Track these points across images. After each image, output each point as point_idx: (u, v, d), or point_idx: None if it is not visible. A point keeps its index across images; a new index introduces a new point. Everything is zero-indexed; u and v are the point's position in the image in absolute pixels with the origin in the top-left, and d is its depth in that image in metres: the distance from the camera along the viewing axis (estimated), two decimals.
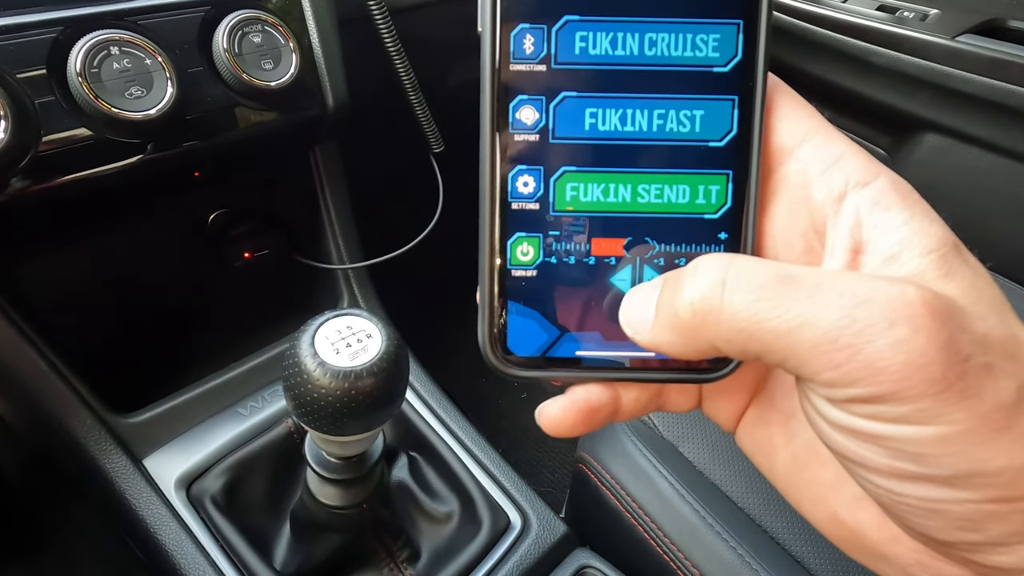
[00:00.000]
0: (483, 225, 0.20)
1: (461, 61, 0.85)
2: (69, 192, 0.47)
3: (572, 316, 0.20)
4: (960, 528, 0.16)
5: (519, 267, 0.20)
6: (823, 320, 0.15)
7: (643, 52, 0.19)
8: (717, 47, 0.19)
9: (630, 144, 0.19)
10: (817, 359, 0.15)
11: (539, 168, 0.20)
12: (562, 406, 0.20)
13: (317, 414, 0.35)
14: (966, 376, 0.14)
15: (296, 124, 0.59)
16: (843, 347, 0.15)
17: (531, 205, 0.20)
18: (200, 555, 0.50)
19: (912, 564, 0.18)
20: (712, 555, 0.52)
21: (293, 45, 0.54)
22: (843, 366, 0.15)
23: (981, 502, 0.15)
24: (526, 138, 0.19)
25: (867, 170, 0.18)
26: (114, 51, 0.45)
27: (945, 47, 0.83)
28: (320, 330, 0.36)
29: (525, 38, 0.19)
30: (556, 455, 1.05)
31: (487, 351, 0.20)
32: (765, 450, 0.21)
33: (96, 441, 0.53)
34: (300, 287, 0.73)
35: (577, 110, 0.19)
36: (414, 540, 0.55)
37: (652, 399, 0.21)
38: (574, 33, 0.19)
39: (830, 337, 0.15)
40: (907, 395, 0.14)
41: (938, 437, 0.15)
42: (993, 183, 0.87)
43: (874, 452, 0.16)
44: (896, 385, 0.14)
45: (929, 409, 0.14)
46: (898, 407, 0.15)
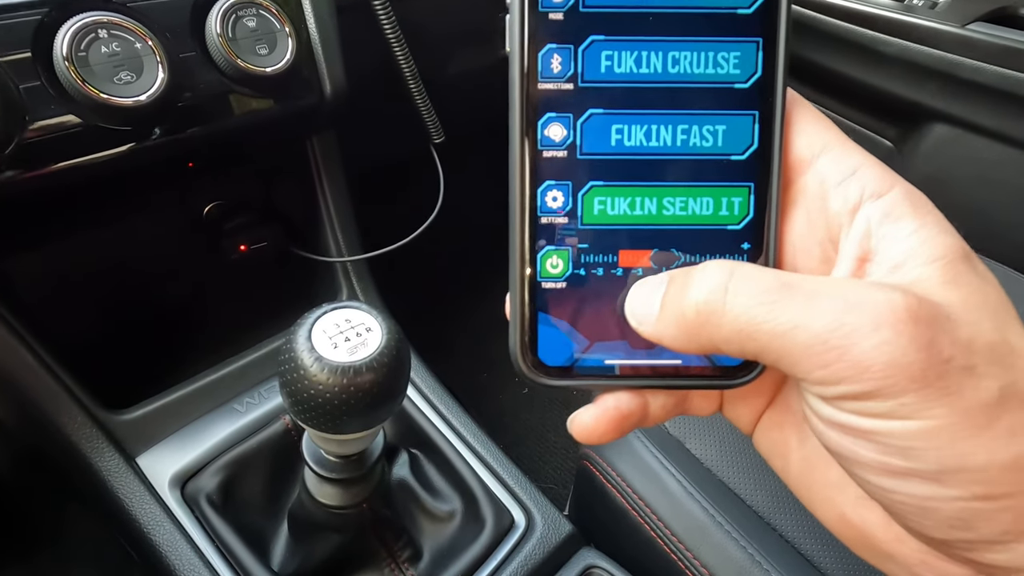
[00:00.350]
0: (513, 238, 0.20)
1: (462, 50, 0.83)
2: (57, 181, 0.46)
3: (600, 326, 0.21)
4: (953, 527, 0.16)
5: (549, 279, 0.21)
6: (815, 323, 0.16)
7: (666, 70, 0.20)
8: (738, 64, 0.20)
9: (655, 159, 0.20)
10: (809, 359, 0.16)
11: (567, 183, 0.20)
12: (594, 415, 0.21)
13: (314, 411, 0.33)
14: (947, 375, 0.15)
15: (292, 112, 0.57)
16: (832, 348, 0.16)
17: (560, 219, 0.20)
18: (195, 556, 0.48)
19: (917, 564, 0.19)
20: (721, 554, 0.50)
21: (289, 30, 0.52)
22: (832, 365, 0.16)
23: (968, 499, 0.16)
24: (554, 154, 0.20)
25: (882, 181, 0.18)
26: (102, 34, 0.43)
27: (955, 35, 0.81)
28: (317, 324, 0.34)
29: (552, 58, 0.20)
30: (559, 451, 1.04)
31: (518, 361, 0.21)
32: (780, 452, 0.22)
33: (88, 439, 0.52)
34: (298, 281, 0.72)
35: (603, 126, 0.20)
36: (416, 540, 0.54)
37: (677, 404, 0.22)
38: (600, 52, 0.20)
39: (820, 339, 0.16)
40: (890, 391, 0.15)
41: (922, 431, 0.16)
42: (1001, 174, 0.85)
43: (864, 448, 0.17)
44: (880, 383, 0.15)
45: (912, 404, 0.15)
46: (883, 403, 0.16)
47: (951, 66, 0.82)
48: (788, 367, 0.17)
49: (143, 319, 0.66)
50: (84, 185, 0.49)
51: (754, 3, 0.19)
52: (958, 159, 0.88)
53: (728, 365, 0.21)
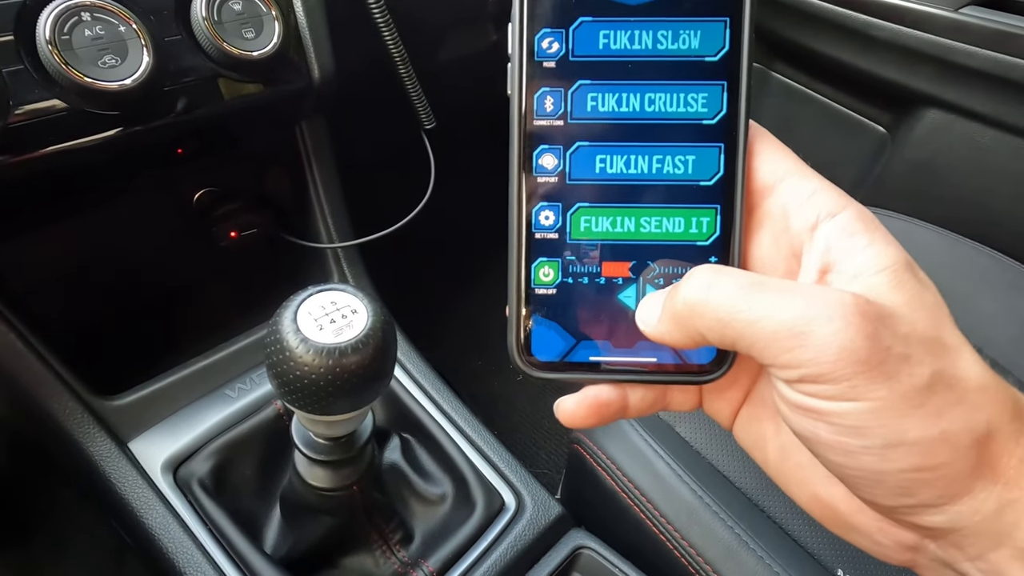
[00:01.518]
0: (512, 251, 0.24)
1: (453, 35, 0.83)
2: (43, 166, 0.46)
3: (586, 327, 0.24)
4: (898, 495, 0.19)
5: (541, 286, 0.24)
6: (781, 314, 0.19)
7: (643, 108, 0.23)
8: (706, 104, 0.23)
9: (634, 184, 0.23)
10: (775, 344, 0.19)
11: (558, 204, 0.23)
12: (576, 401, 0.24)
13: (301, 393, 0.34)
14: (886, 362, 0.18)
15: (281, 97, 0.57)
16: (794, 335, 0.19)
17: (551, 235, 0.24)
18: (188, 539, 0.49)
19: (876, 532, 0.22)
20: (709, 535, 0.51)
21: (276, 14, 0.52)
22: (793, 350, 0.19)
23: (908, 471, 0.18)
24: (547, 180, 0.23)
25: (836, 202, 0.21)
26: (85, 17, 0.43)
27: (948, 19, 0.81)
28: (303, 306, 0.34)
29: (546, 99, 0.23)
30: (552, 436, 1.04)
31: (515, 356, 0.24)
32: (758, 443, 0.25)
33: (79, 425, 0.52)
34: (289, 267, 0.72)
35: (589, 156, 0.23)
36: (407, 522, 0.54)
37: (657, 399, 0.25)
38: (586, 94, 0.23)
39: (785, 327, 0.19)
40: (841, 374, 0.18)
41: (867, 410, 0.18)
42: (994, 159, 0.85)
43: (822, 429, 0.19)
44: (832, 366, 0.18)
45: (858, 386, 0.18)
46: (835, 385, 0.18)
47: (944, 51, 0.82)
48: (758, 353, 0.19)
49: (134, 305, 0.66)
50: (71, 171, 0.49)
51: (719, 52, 0.22)
52: (951, 144, 0.88)
53: (699, 363, 0.24)
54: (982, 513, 0.19)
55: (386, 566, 0.53)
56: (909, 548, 0.21)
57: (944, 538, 0.20)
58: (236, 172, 0.67)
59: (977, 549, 0.19)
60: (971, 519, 0.19)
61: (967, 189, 0.88)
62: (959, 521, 0.19)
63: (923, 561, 0.21)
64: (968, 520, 0.19)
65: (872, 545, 0.22)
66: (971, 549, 0.19)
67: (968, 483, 0.19)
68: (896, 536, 0.21)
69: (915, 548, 0.21)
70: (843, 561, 0.49)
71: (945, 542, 0.20)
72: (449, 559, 0.51)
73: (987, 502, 0.19)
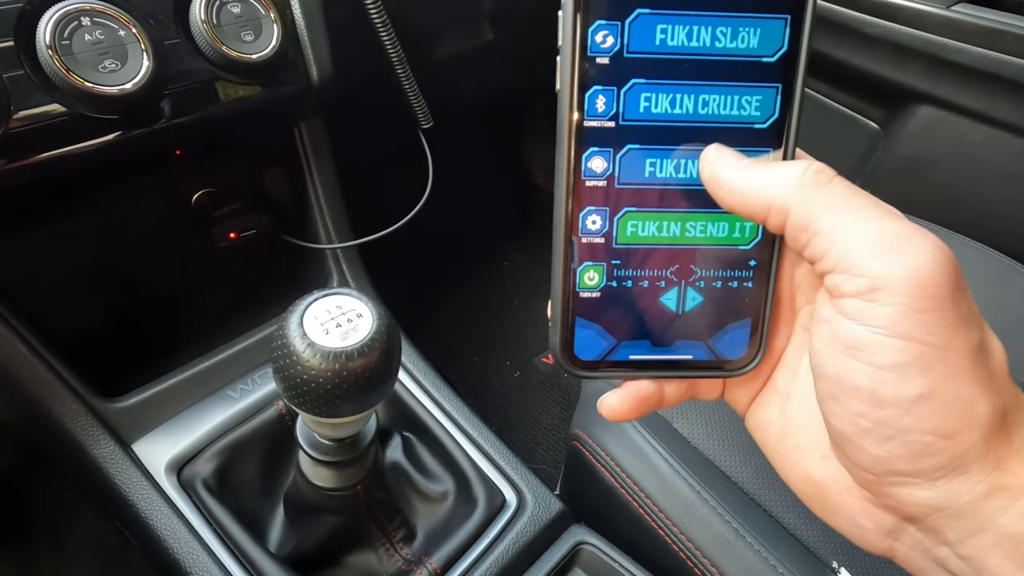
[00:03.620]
0: (556, 255, 0.24)
1: (449, 34, 0.83)
2: (44, 171, 0.46)
3: (627, 328, 0.24)
4: (900, 457, 0.19)
5: (586, 290, 0.24)
6: (888, 225, 0.19)
7: (696, 111, 0.22)
8: (759, 107, 0.22)
9: (681, 189, 0.23)
10: (866, 247, 0.19)
11: (605, 209, 0.23)
12: (620, 397, 0.25)
13: (308, 396, 0.34)
14: (958, 311, 0.18)
15: (279, 99, 0.57)
16: (893, 244, 0.19)
17: (598, 240, 0.23)
18: (193, 539, 0.49)
19: (859, 513, 0.22)
20: (707, 529, 0.52)
21: (274, 16, 0.52)
22: (884, 259, 0.18)
23: (926, 432, 0.19)
24: (596, 184, 0.23)
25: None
26: (85, 22, 0.43)
27: (940, 17, 0.81)
28: (309, 310, 0.35)
29: (598, 99, 0.22)
30: (550, 433, 1.05)
31: (559, 356, 0.24)
32: (762, 425, 0.26)
33: (83, 427, 0.52)
34: (288, 267, 0.72)
35: (639, 160, 0.23)
36: (409, 520, 0.55)
37: (688, 390, 0.26)
38: (639, 94, 0.22)
39: (887, 234, 0.19)
40: (917, 302, 0.18)
41: (918, 354, 0.18)
42: (986, 155, 0.86)
43: (860, 370, 0.19)
44: (915, 288, 0.18)
45: (925, 324, 0.18)
46: (903, 311, 0.18)
47: (935, 47, 0.83)
48: (840, 253, 0.19)
49: (135, 307, 0.67)
50: (71, 174, 0.49)
51: (777, 52, 0.22)
52: (943, 140, 0.89)
53: (731, 358, 0.25)
54: (971, 495, 0.19)
55: (389, 564, 0.53)
56: (889, 533, 0.22)
57: (924, 520, 0.20)
58: (235, 173, 0.67)
59: (958, 533, 0.19)
60: (958, 499, 0.19)
61: (958, 184, 0.89)
62: (946, 500, 0.19)
63: (902, 549, 0.22)
64: (955, 500, 0.19)
65: (854, 528, 0.23)
66: (951, 533, 0.19)
67: (970, 461, 0.19)
68: (877, 519, 0.22)
69: (894, 533, 0.21)
70: (838, 554, 0.50)
71: (925, 525, 0.20)
72: (452, 556, 0.51)
73: (979, 485, 0.19)
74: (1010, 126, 0.82)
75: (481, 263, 1.30)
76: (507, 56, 0.97)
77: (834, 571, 0.49)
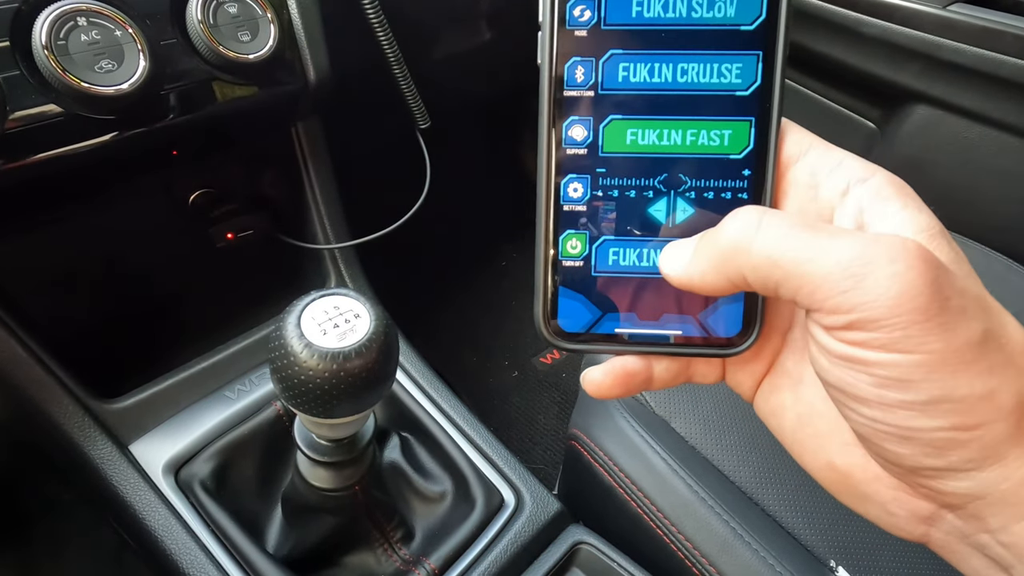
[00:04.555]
0: (539, 223, 0.23)
1: (446, 34, 0.83)
2: (40, 172, 0.46)
3: (613, 299, 0.24)
4: (927, 455, 0.18)
5: (569, 258, 0.24)
6: (837, 254, 0.18)
7: (676, 80, 0.22)
8: (740, 74, 0.22)
9: (665, 158, 0.23)
10: (828, 285, 0.18)
11: (586, 177, 0.23)
12: (603, 372, 0.24)
13: (305, 397, 0.34)
14: (945, 311, 0.17)
15: (276, 99, 0.57)
16: (851, 275, 0.18)
17: (579, 207, 0.23)
18: (190, 539, 0.49)
19: (890, 501, 0.21)
20: (705, 529, 0.52)
21: (271, 16, 0.52)
22: (848, 292, 0.18)
23: (947, 429, 0.18)
24: (576, 151, 0.23)
25: (866, 169, 0.21)
26: (81, 22, 0.43)
27: (936, 17, 0.82)
28: (307, 310, 0.35)
29: (577, 69, 0.23)
30: (548, 433, 1.05)
31: (541, 327, 0.24)
32: (776, 412, 0.24)
33: (80, 428, 0.52)
34: (286, 268, 0.72)
35: (620, 129, 0.23)
36: (408, 520, 0.55)
37: (681, 371, 0.25)
38: (618, 64, 0.22)
39: (841, 266, 0.18)
40: (896, 321, 0.17)
41: (917, 363, 0.18)
42: (982, 154, 0.86)
43: (863, 381, 0.18)
44: (888, 311, 0.17)
45: (913, 337, 0.17)
46: (887, 333, 0.17)
47: (932, 47, 0.83)
48: (806, 296, 0.19)
49: (132, 308, 0.66)
50: (68, 175, 0.49)
51: (755, 20, 0.22)
52: (940, 140, 0.89)
53: (725, 336, 0.23)
54: (1011, 481, 0.18)
55: (388, 564, 0.53)
56: (924, 520, 0.21)
57: (964, 507, 0.19)
58: (232, 174, 0.67)
59: (1000, 520, 0.18)
60: (998, 486, 0.18)
61: (955, 184, 0.89)
62: (985, 488, 0.18)
63: (937, 535, 0.21)
64: (995, 487, 0.18)
65: (885, 516, 0.21)
66: (993, 520, 0.19)
67: (1003, 448, 0.18)
68: (911, 506, 0.21)
69: (930, 520, 0.20)
70: (836, 553, 0.51)
71: (965, 512, 0.19)
72: (450, 556, 0.51)
73: (1019, 470, 0.18)
74: (1007, 125, 0.83)
75: (479, 263, 1.30)
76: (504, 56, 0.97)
77: (832, 570, 0.50)
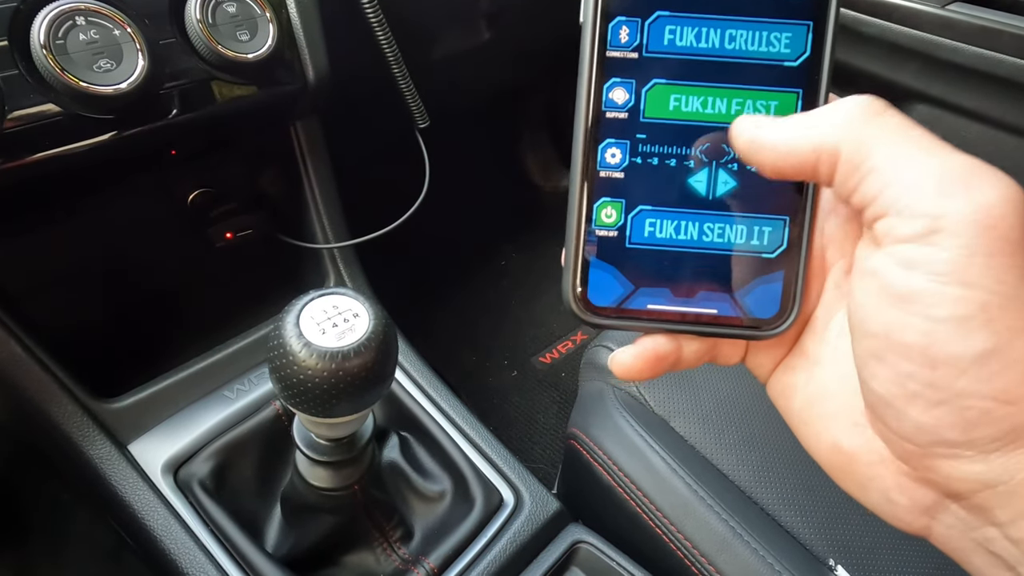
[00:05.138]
0: (573, 190, 0.22)
1: (446, 33, 0.83)
2: (39, 171, 0.46)
3: (647, 273, 0.23)
4: (952, 425, 0.17)
5: (603, 227, 0.22)
6: (951, 160, 0.17)
7: (723, 46, 0.22)
8: (789, 44, 0.22)
9: (702, 128, 0.22)
10: (927, 185, 0.17)
11: (625, 142, 0.22)
12: (633, 354, 0.23)
13: (304, 396, 0.34)
14: (1019, 253, 0.16)
15: (275, 98, 0.57)
16: (957, 180, 0.17)
17: (616, 174, 0.22)
18: (189, 539, 0.49)
19: (892, 488, 0.20)
20: (704, 527, 0.52)
21: (270, 15, 0.52)
22: (947, 197, 0.17)
23: (985, 396, 0.16)
24: (616, 115, 0.22)
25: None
26: (80, 21, 0.43)
27: (935, 16, 0.82)
28: (305, 310, 0.35)
29: (622, 29, 0.22)
30: (546, 432, 1.05)
31: (569, 300, 0.23)
32: (786, 392, 0.24)
33: (78, 427, 0.52)
34: (285, 267, 0.72)
35: (663, 95, 0.22)
36: (407, 520, 0.55)
37: (707, 352, 0.24)
38: (664, 27, 0.22)
39: (950, 169, 0.17)
40: (983, 244, 0.16)
41: (984, 303, 0.16)
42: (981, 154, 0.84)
43: (915, 322, 0.17)
44: (982, 229, 0.16)
45: (992, 268, 0.16)
46: (968, 254, 0.16)
47: (931, 46, 0.83)
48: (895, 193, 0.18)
49: (131, 308, 0.66)
50: (66, 174, 0.49)
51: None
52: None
53: (761, 317, 0.22)
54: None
55: (387, 563, 0.53)
56: (926, 510, 0.20)
57: (971, 497, 0.18)
58: (231, 173, 0.67)
59: (1009, 513, 0.17)
60: (1013, 476, 0.17)
61: None
62: (998, 475, 0.17)
63: (939, 528, 0.20)
64: (1009, 476, 0.17)
65: (886, 504, 0.21)
66: (1001, 512, 0.17)
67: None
68: (914, 494, 0.20)
69: (933, 510, 0.20)
70: (835, 551, 0.51)
71: (970, 503, 0.18)
72: (449, 555, 0.51)
73: None
74: (1005, 125, 0.83)
75: (479, 263, 1.30)
76: (504, 56, 0.97)
77: (831, 569, 0.50)
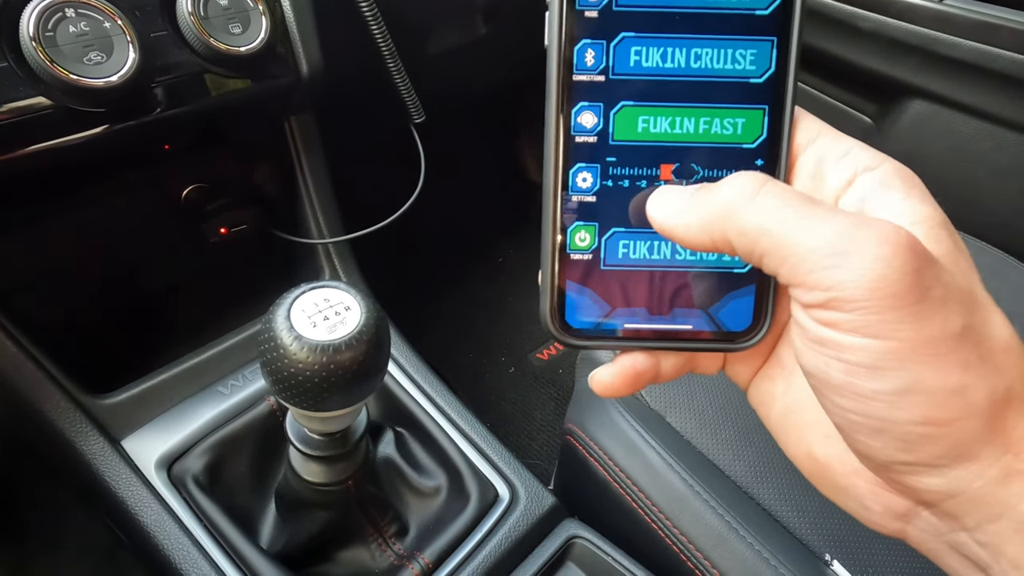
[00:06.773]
0: (546, 214, 0.23)
1: (441, 28, 0.82)
2: (29, 165, 0.45)
3: (623, 294, 0.23)
4: (898, 449, 0.18)
5: (577, 251, 0.23)
6: (828, 230, 0.18)
7: (689, 65, 0.22)
8: (754, 61, 0.22)
9: (675, 147, 0.22)
10: (813, 259, 0.18)
11: (596, 166, 0.22)
12: (612, 372, 0.23)
13: (296, 390, 0.34)
14: (924, 301, 0.17)
15: (269, 92, 0.56)
16: (836, 252, 0.18)
17: (589, 198, 0.22)
18: (183, 535, 0.49)
19: (867, 495, 0.21)
20: (700, 523, 0.52)
21: (263, 8, 0.51)
22: (830, 269, 0.18)
23: (916, 423, 0.18)
24: (585, 139, 0.22)
25: (874, 158, 0.21)
26: (69, 13, 0.42)
27: (933, 11, 0.82)
28: (296, 303, 0.34)
29: (587, 52, 0.22)
30: (544, 428, 1.05)
31: (548, 323, 0.23)
32: (765, 400, 0.25)
33: (72, 423, 0.52)
34: (279, 263, 0.72)
35: (631, 117, 0.22)
36: (402, 515, 0.55)
37: (686, 364, 0.25)
38: (629, 47, 0.22)
39: (828, 242, 0.18)
40: (872, 305, 0.17)
41: (888, 351, 0.17)
42: (978, 149, 0.86)
43: (836, 368, 0.19)
44: (866, 292, 0.17)
45: (887, 322, 0.17)
46: (861, 316, 0.17)
47: (928, 41, 0.83)
48: (789, 269, 0.19)
49: (124, 303, 0.66)
50: (58, 168, 0.48)
51: (771, 5, 0.21)
52: (935, 134, 0.89)
53: (734, 330, 0.23)
54: (984, 479, 0.18)
55: (382, 559, 0.53)
56: (899, 516, 0.21)
57: (939, 505, 0.19)
58: (225, 168, 0.66)
59: (975, 519, 0.18)
60: (971, 485, 0.18)
61: (951, 178, 0.89)
62: (957, 486, 0.18)
63: (914, 532, 0.21)
64: (967, 486, 0.18)
65: (862, 510, 0.22)
66: (968, 519, 0.19)
67: (975, 447, 0.18)
68: (887, 502, 0.21)
69: (906, 516, 0.20)
70: (830, 546, 0.51)
71: (940, 510, 0.19)
72: (444, 551, 0.51)
73: (991, 469, 0.18)
74: (1003, 120, 0.83)
75: (476, 259, 1.30)
76: (500, 51, 0.97)
77: (827, 563, 0.50)
